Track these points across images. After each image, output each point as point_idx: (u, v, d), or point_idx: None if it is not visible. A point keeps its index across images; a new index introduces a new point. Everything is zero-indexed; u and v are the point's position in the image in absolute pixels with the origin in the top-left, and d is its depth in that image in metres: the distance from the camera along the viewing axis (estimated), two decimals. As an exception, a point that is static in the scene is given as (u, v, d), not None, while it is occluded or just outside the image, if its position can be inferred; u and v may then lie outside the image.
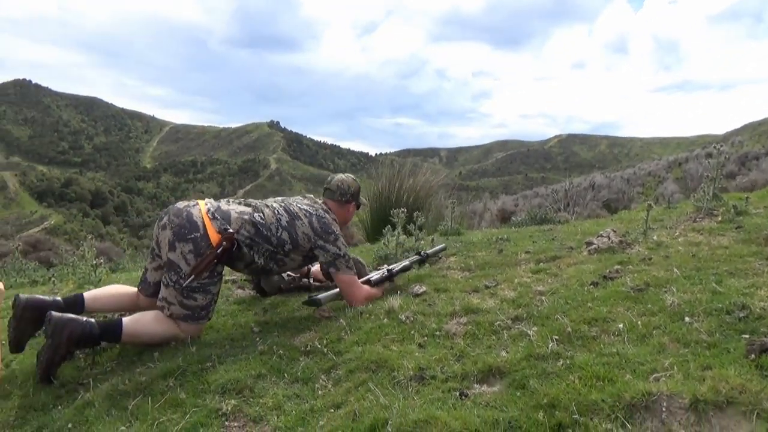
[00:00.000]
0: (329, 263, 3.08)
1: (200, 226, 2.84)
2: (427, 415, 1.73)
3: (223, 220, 2.89)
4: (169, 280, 2.84)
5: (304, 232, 3.04)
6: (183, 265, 2.81)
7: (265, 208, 3.04)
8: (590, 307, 2.47)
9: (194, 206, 2.94)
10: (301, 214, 3.08)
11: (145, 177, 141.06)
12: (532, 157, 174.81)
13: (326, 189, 3.40)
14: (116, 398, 2.38)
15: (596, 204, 24.98)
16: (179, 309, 2.84)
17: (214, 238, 2.82)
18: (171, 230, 2.85)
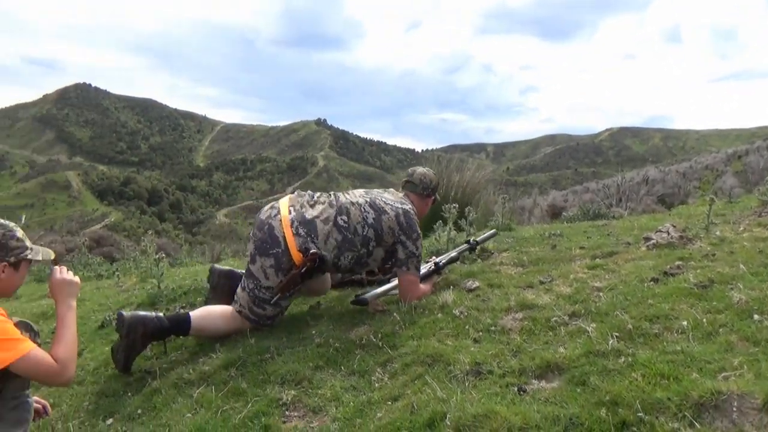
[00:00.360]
0: (402, 261, 3.03)
1: (281, 241, 2.82)
2: (486, 410, 1.73)
3: (308, 232, 2.85)
4: (246, 286, 2.91)
5: (390, 227, 3.00)
6: (262, 278, 2.84)
7: (351, 207, 2.98)
8: (651, 304, 2.41)
9: (276, 217, 2.90)
10: (387, 208, 3.03)
11: (198, 175, 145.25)
12: (582, 151, 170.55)
13: (408, 182, 3.36)
14: (182, 387, 2.49)
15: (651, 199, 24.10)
16: (248, 313, 2.93)
17: (296, 257, 2.80)
18: (253, 243, 2.89)
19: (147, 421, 2.30)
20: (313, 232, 2.86)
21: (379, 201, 3.06)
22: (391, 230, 3.00)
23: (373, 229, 2.97)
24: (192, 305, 3.72)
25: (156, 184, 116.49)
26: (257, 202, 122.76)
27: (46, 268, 7.29)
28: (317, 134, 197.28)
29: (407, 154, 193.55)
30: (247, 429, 2.07)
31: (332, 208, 2.96)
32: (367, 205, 3.01)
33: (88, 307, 4.13)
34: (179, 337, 3.00)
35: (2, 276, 2.06)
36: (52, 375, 2.00)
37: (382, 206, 3.03)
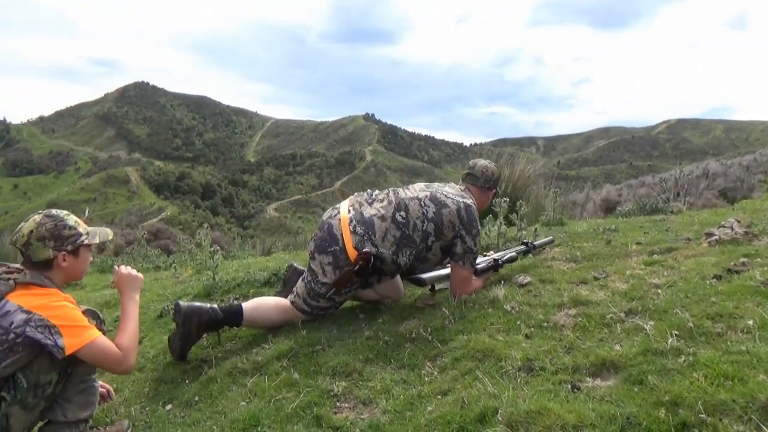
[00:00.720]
0: (459, 256, 3.01)
1: (339, 239, 2.87)
2: (539, 406, 1.70)
3: (366, 230, 2.87)
4: (305, 277, 3.00)
5: (450, 221, 2.97)
6: (320, 273, 2.91)
7: (410, 202, 2.96)
8: (714, 302, 2.31)
9: (336, 216, 2.95)
10: (449, 201, 3.00)
11: (250, 170, 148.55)
12: (637, 144, 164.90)
13: (469, 174, 3.31)
14: (236, 375, 2.55)
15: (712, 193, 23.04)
16: (302, 303, 3.00)
17: (352, 254, 2.84)
18: (314, 242, 2.98)
19: (204, 407, 2.37)
20: (371, 230, 2.87)
21: (440, 195, 3.03)
22: (451, 224, 2.97)
23: (433, 224, 2.95)
24: (245, 296, 3.82)
25: (209, 179, 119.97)
26: (306, 197, 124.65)
27: (108, 260, 7.64)
28: (365, 129, 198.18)
29: (455, 149, 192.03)
30: (299, 419, 2.11)
31: (390, 205, 2.96)
32: (427, 199, 2.99)
33: (148, 298, 4.30)
34: (232, 328, 3.08)
35: (64, 264, 2.17)
36: (114, 362, 2.10)
37: (443, 200, 3.00)
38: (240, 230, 63.93)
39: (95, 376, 2.20)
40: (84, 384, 2.14)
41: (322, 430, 2.01)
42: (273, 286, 3.91)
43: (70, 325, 2.02)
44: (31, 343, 1.95)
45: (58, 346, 1.96)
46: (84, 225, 2.27)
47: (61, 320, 2.01)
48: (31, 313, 1.98)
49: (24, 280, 2.07)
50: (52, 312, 2.01)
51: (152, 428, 2.29)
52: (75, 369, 2.09)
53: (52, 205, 66.62)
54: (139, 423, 2.35)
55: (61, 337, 1.98)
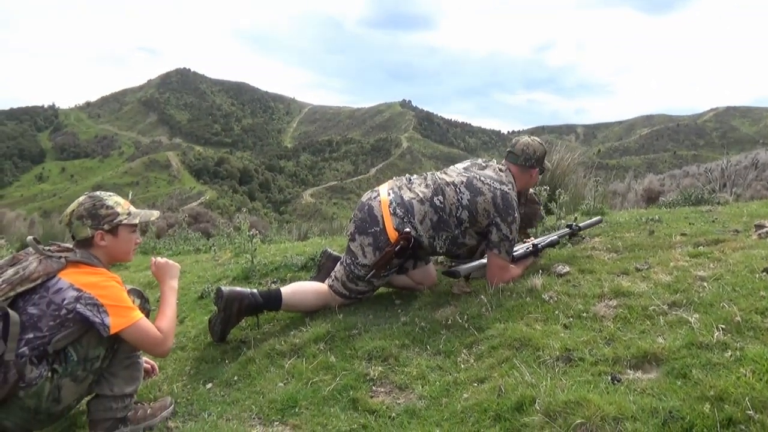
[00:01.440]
0: (494, 243, 2.96)
1: (380, 220, 2.88)
2: (578, 397, 1.68)
3: (405, 213, 2.88)
4: (344, 260, 3.02)
5: (485, 209, 2.93)
6: (360, 255, 2.92)
7: (447, 188, 2.96)
8: (763, 296, 2.22)
9: (375, 198, 2.98)
10: (485, 188, 2.95)
11: (286, 156, 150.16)
12: (682, 132, 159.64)
13: (510, 152, 3.25)
14: (274, 357, 2.60)
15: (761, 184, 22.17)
16: (340, 287, 3.02)
17: (392, 235, 2.85)
18: (354, 223, 2.98)
19: (243, 387, 2.43)
20: (411, 213, 2.88)
21: (477, 181, 2.98)
22: (486, 212, 2.94)
23: (468, 211, 2.93)
24: (282, 280, 3.88)
25: (247, 164, 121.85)
26: (341, 183, 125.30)
27: (150, 242, 7.85)
28: (401, 116, 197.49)
29: (492, 136, 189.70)
30: (335, 401, 2.14)
31: (428, 189, 2.97)
32: (462, 186, 2.97)
33: (189, 279, 4.41)
34: (271, 312, 3.13)
35: (103, 243, 2.24)
36: (154, 344, 2.18)
37: (479, 187, 2.96)
38: (276, 215, 64.82)
39: (140, 352, 2.28)
40: (129, 360, 2.22)
41: (359, 413, 2.03)
42: (309, 271, 3.95)
43: (117, 305, 2.09)
44: (81, 319, 2.03)
45: (105, 325, 2.04)
46: (126, 205, 2.33)
47: (109, 300, 2.08)
48: (82, 291, 2.06)
49: (74, 258, 2.15)
50: (101, 291, 2.08)
51: (193, 405, 2.36)
52: (121, 345, 2.16)
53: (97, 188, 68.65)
54: (181, 400, 2.42)
55: (108, 316, 2.05)
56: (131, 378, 2.23)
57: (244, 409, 2.23)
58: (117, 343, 2.15)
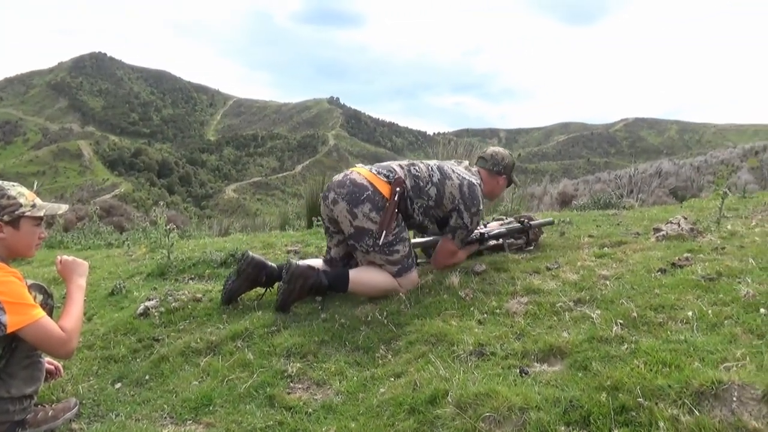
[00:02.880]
0: (452, 228, 3.11)
1: (367, 185, 2.92)
2: (488, 389, 1.76)
3: (389, 172, 2.98)
4: (367, 246, 2.89)
5: (451, 193, 3.06)
6: (371, 225, 2.86)
7: (420, 164, 3.11)
8: (657, 294, 2.41)
9: (351, 173, 3.00)
10: (454, 176, 3.11)
11: (209, 149, 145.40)
12: (596, 140, 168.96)
13: (480, 157, 3.45)
14: (189, 355, 2.53)
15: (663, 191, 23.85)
16: (390, 267, 2.92)
17: (385, 190, 2.92)
18: (344, 200, 2.89)
19: (155, 386, 2.35)
20: (393, 173, 2.99)
21: (447, 168, 3.15)
22: (451, 196, 3.07)
23: (436, 189, 3.05)
24: (200, 276, 3.78)
25: (166, 156, 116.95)
26: (266, 179, 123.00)
27: (57, 235, 7.39)
28: (329, 113, 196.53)
29: (418, 137, 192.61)
30: (251, 398, 2.12)
31: (405, 162, 3.12)
32: (435, 167, 3.11)
33: (98, 275, 4.19)
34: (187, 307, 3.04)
35: (1, 235, 2.06)
36: (57, 345, 2.02)
37: (449, 173, 3.11)
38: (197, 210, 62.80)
39: (41, 351, 2.14)
40: (29, 360, 2.08)
41: (275, 409, 2.02)
42: (230, 267, 3.87)
43: (15, 302, 1.95)
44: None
45: (1, 323, 1.90)
46: (31, 197, 2.18)
47: (6, 296, 1.94)
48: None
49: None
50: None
51: (100, 406, 2.26)
52: (19, 345, 2.03)
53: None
54: (86, 401, 2.30)
55: (5, 314, 1.91)
56: (31, 379, 2.09)
57: (156, 408, 2.16)
58: (15, 342, 2.02)
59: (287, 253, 4.30)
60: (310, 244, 4.58)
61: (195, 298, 3.18)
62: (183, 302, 3.12)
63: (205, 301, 3.15)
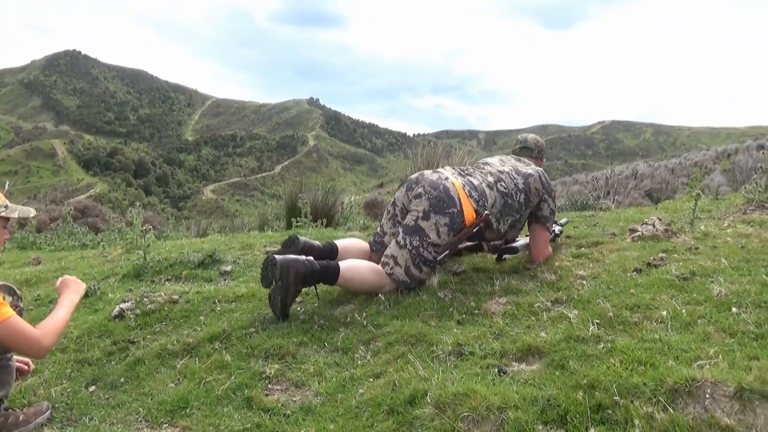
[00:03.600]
0: (546, 218, 3.22)
1: (457, 202, 2.88)
2: (467, 389, 1.76)
3: (480, 197, 2.97)
4: (408, 243, 2.85)
5: (536, 188, 3.19)
6: (433, 235, 2.83)
7: (503, 175, 3.13)
8: (633, 294, 2.45)
9: (446, 179, 2.96)
10: (530, 170, 3.24)
11: (187, 149, 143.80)
12: (573, 143, 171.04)
13: (523, 147, 3.58)
14: (165, 357, 2.50)
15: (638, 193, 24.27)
16: (401, 273, 2.86)
17: (469, 216, 2.89)
18: (428, 201, 2.87)
19: (130, 389, 2.31)
20: (483, 197, 2.99)
21: (521, 166, 3.25)
22: (537, 191, 3.20)
23: (524, 194, 3.15)
24: (177, 278, 3.73)
25: (143, 156, 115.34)
26: (245, 180, 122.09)
27: (29, 236, 7.23)
28: (309, 113, 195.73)
29: (398, 138, 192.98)
30: (229, 400, 2.10)
31: (491, 177, 3.12)
32: (514, 173, 3.18)
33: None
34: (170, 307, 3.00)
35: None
36: (28, 343, 1.97)
37: (526, 170, 3.22)
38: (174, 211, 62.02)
39: (11, 354, 2.09)
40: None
41: (253, 411, 2.00)
42: (207, 268, 3.83)
43: None
44: None
45: None
46: (2, 199, 2.13)
47: None
48: None
49: None
50: None
51: (74, 410, 2.21)
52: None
53: (-32, 176, 62.34)
54: (59, 405, 2.26)
55: None
56: (0, 383, 2.04)
57: (131, 411, 2.12)
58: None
59: (266, 254, 4.26)
60: (289, 244, 4.55)
61: (171, 299, 3.14)
62: (159, 304, 3.08)
63: (181, 302, 3.11)
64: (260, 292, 3.24)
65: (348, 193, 12.33)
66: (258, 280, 3.47)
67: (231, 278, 3.64)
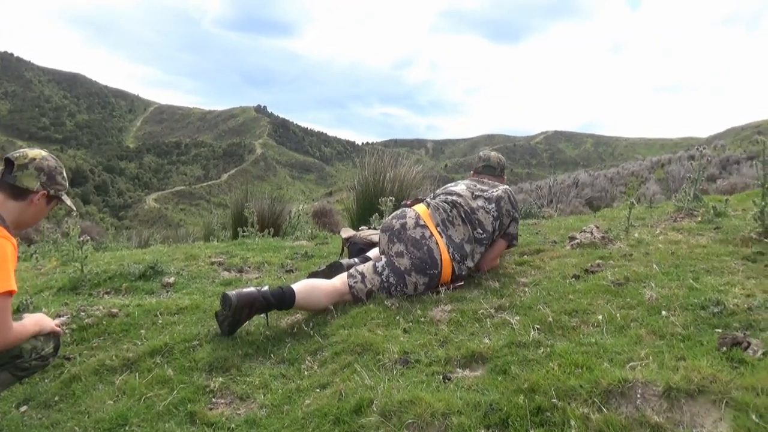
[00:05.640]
0: (513, 235, 3.33)
1: (439, 263, 2.94)
2: (412, 396, 1.79)
3: (462, 256, 3.02)
4: (385, 277, 2.91)
5: (507, 209, 3.25)
6: (410, 288, 2.91)
7: (479, 212, 3.15)
8: (571, 299, 2.54)
9: (431, 238, 2.98)
10: (500, 192, 3.28)
11: (128, 157, 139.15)
12: (518, 152, 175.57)
13: (486, 166, 3.60)
14: (103, 373, 2.41)
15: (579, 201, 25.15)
16: (363, 291, 2.89)
17: (446, 277, 2.96)
18: (410, 261, 2.92)
19: (65, 408, 2.22)
20: (465, 255, 3.04)
21: (491, 192, 3.28)
22: (508, 212, 3.26)
23: (499, 222, 3.21)
24: (116, 290, 3.60)
25: (81, 164, 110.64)
26: (190, 188, 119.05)
27: None
28: (256, 121, 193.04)
29: (347, 146, 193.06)
30: (171, 416, 2.04)
31: (469, 225, 3.12)
32: (488, 203, 3.21)
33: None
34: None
35: (36, 203, 2.15)
36: (2, 328, 1.94)
37: (495, 194, 3.26)
38: (114, 221, 59.80)
39: None
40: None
41: (196, 426, 1.96)
42: (149, 280, 3.72)
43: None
44: None
45: None
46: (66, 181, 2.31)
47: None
48: None
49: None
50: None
51: (2, 431, 2.10)
52: None
53: None
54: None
55: None
56: None
57: (66, 431, 2.03)
58: None
59: (211, 264, 4.18)
60: (235, 255, 4.48)
61: (111, 313, 3.03)
62: (97, 318, 2.97)
63: (121, 315, 3.01)
64: (204, 303, 3.18)
65: (296, 202, 12.23)
66: (202, 291, 3.42)
67: (174, 290, 3.55)
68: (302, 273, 3.77)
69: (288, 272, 3.95)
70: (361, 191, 7.02)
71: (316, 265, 3.86)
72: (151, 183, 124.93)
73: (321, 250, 4.66)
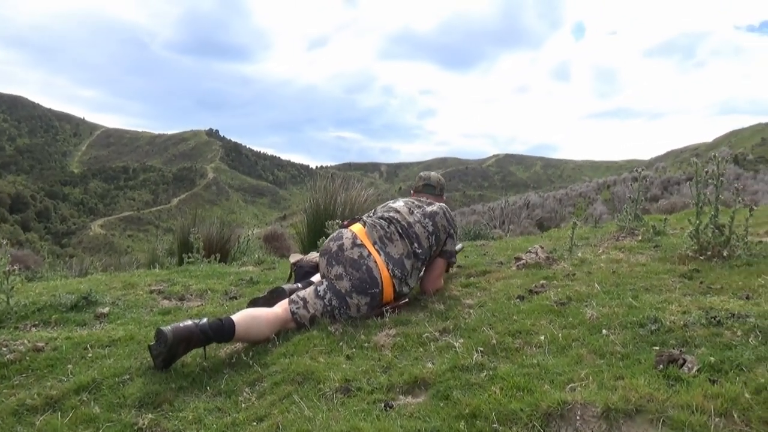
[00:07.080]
0: (451, 252, 3.31)
1: (380, 282, 2.90)
2: (351, 427, 1.72)
3: (402, 273, 2.99)
4: (328, 300, 2.86)
5: (442, 225, 3.23)
6: (353, 310, 2.87)
7: (416, 227, 3.14)
8: (515, 320, 2.53)
9: (369, 257, 2.94)
10: (435, 208, 3.28)
11: (72, 182, 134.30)
12: (471, 175, 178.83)
13: (426, 185, 3.63)
14: (22, 414, 2.23)
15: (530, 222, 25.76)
16: (306, 317, 2.84)
17: (387, 296, 2.93)
18: (350, 282, 2.88)
19: (-25, 454, 2.03)
20: (405, 271, 3.01)
21: (427, 208, 3.28)
22: (444, 228, 3.24)
23: (435, 236, 3.18)
24: (46, 323, 3.39)
25: (21, 189, 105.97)
26: (139, 213, 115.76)
27: None
28: (208, 145, 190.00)
29: (301, 170, 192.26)
30: (94, 458, 1.90)
31: (406, 240, 3.10)
32: (424, 218, 3.20)
33: None
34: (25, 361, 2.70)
35: None
36: None
37: (432, 210, 3.25)
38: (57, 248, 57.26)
39: None
40: None
41: (120, 469, 1.82)
42: (81, 311, 3.52)
43: None
44: None
45: None
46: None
47: None
48: None
49: None
50: None
51: None
52: None
53: None
54: None
55: None
56: None
57: (-26, 480, 1.86)
58: None
59: (150, 293, 4.01)
60: (177, 283, 4.31)
61: (36, 347, 2.83)
62: (20, 353, 2.77)
63: (47, 350, 2.82)
64: (139, 334, 3.02)
65: (247, 226, 12.00)
66: (138, 321, 3.26)
67: (108, 321, 3.37)
68: (246, 299, 3.64)
69: (231, 299, 3.83)
70: (312, 215, 6.95)
71: (261, 291, 3.75)
72: (97, 209, 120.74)
73: (267, 276, 4.54)
